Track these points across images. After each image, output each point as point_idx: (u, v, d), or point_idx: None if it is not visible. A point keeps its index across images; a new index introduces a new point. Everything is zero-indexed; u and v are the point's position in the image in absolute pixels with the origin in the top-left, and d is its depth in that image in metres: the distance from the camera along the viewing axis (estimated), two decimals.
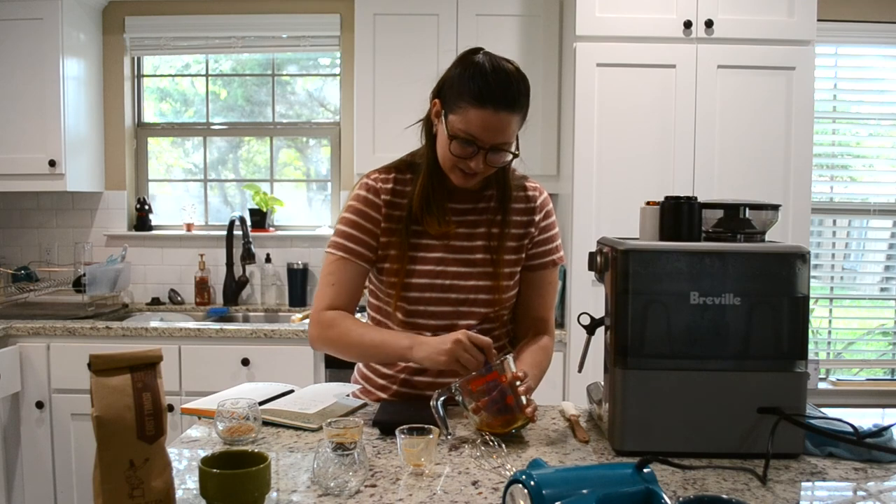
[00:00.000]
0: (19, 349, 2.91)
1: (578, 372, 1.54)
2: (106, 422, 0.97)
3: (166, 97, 3.82)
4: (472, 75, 1.44)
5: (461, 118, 1.44)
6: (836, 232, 3.62)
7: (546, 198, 1.68)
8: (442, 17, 3.11)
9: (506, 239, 1.60)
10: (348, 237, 1.57)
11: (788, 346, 1.31)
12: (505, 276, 1.59)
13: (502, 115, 1.43)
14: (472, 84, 1.43)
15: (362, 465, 1.13)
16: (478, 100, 1.42)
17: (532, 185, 1.68)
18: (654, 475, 0.96)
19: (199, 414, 1.50)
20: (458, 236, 1.59)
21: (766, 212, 1.41)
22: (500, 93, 1.42)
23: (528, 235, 1.63)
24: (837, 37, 3.44)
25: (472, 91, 1.43)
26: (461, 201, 1.60)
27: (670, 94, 2.85)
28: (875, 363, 3.65)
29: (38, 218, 3.61)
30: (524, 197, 1.64)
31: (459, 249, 1.58)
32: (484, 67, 1.44)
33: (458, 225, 1.59)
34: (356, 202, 1.59)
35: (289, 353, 2.92)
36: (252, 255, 3.43)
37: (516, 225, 1.62)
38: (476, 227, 1.60)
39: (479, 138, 1.45)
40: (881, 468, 1.26)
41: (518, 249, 1.62)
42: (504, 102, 1.43)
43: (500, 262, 1.58)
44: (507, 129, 1.45)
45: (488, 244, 1.59)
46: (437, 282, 1.57)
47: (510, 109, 1.44)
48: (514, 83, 1.45)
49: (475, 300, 1.58)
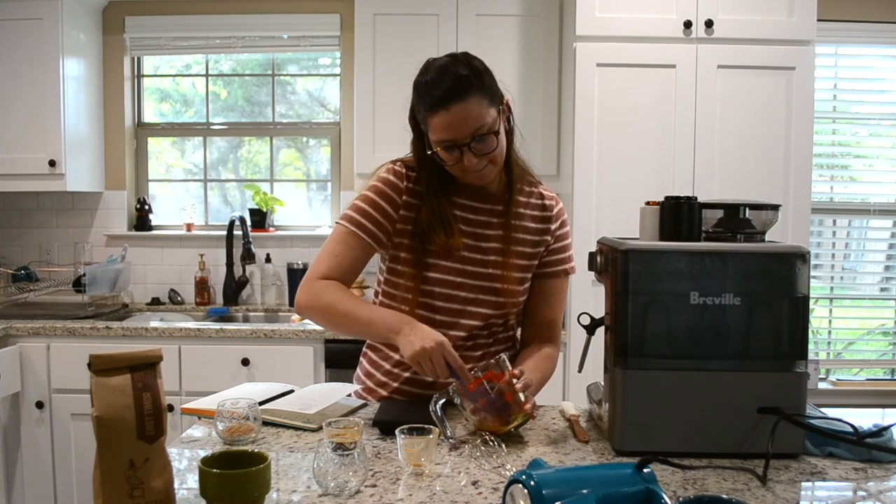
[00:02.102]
0: (19, 349, 2.91)
1: (578, 372, 1.54)
2: (106, 422, 0.97)
3: (166, 98, 3.82)
4: (418, 88, 1.49)
5: (431, 131, 1.48)
6: (836, 232, 3.62)
7: (562, 208, 1.69)
8: (442, 17, 3.11)
9: (513, 242, 1.59)
10: (364, 213, 1.55)
11: (788, 346, 1.31)
12: (514, 281, 1.59)
13: (455, 109, 1.43)
14: (420, 97, 1.48)
15: (362, 465, 1.13)
16: (430, 108, 1.46)
17: (549, 193, 1.69)
18: (654, 475, 0.96)
19: (199, 414, 1.50)
20: (472, 236, 1.59)
21: (766, 212, 1.41)
22: (439, 91, 1.44)
23: (544, 243, 1.64)
24: (837, 37, 3.44)
25: (423, 104, 1.47)
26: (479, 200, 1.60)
27: (670, 94, 2.85)
28: (875, 363, 3.64)
29: (38, 218, 3.61)
30: (540, 205, 1.65)
31: (470, 248, 1.58)
32: (423, 76, 1.48)
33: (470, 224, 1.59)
34: (381, 183, 1.57)
35: (289, 353, 2.92)
36: (252, 255, 3.43)
37: (531, 231, 1.63)
38: (489, 229, 1.60)
39: (452, 139, 1.46)
40: (881, 468, 1.26)
41: (532, 256, 1.63)
42: (448, 97, 1.43)
43: (509, 265, 1.58)
44: (469, 116, 1.44)
45: (500, 247, 1.59)
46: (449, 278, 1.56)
47: (458, 99, 1.43)
48: (450, 72, 1.44)
49: (483, 301, 1.58)
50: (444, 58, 1.50)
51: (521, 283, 1.61)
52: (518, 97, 3.13)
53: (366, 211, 1.55)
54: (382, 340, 1.56)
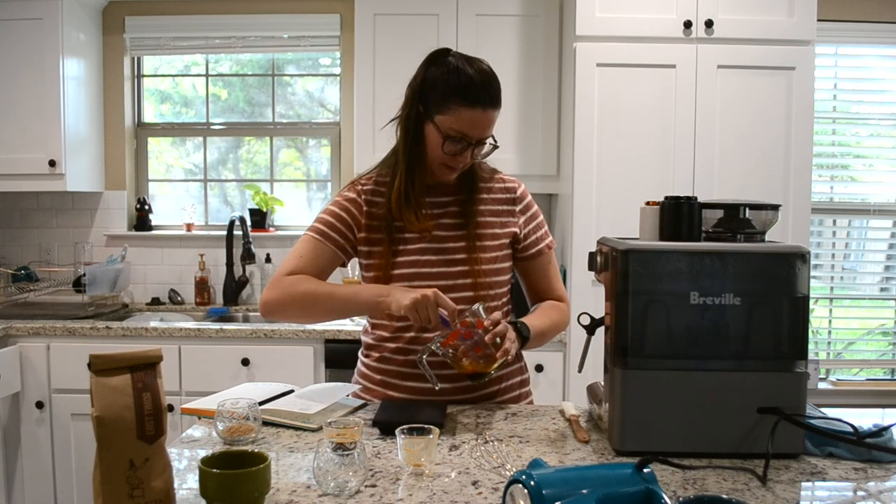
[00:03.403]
0: (19, 349, 2.91)
1: (578, 372, 1.54)
2: (106, 422, 0.97)
3: (167, 99, 3.82)
4: (458, 77, 1.53)
5: (453, 118, 1.53)
6: (836, 232, 3.62)
7: (525, 189, 1.76)
8: (442, 17, 3.11)
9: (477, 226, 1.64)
10: (326, 224, 1.64)
11: (788, 346, 1.31)
12: (484, 261, 1.62)
13: (489, 112, 1.54)
14: (459, 86, 1.53)
15: (362, 465, 1.13)
16: (467, 100, 1.52)
17: (508, 177, 1.76)
18: (654, 475, 0.96)
19: (199, 414, 1.50)
20: (439, 227, 1.63)
21: (766, 212, 1.41)
22: (485, 92, 1.53)
23: (512, 223, 1.69)
24: (837, 37, 3.44)
25: (460, 92, 1.52)
26: (439, 195, 1.66)
27: (670, 94, 2.85)
28: (875, 363, 3.64)
29: (38, 218, 3.61)
30: (503, 188, 1.72)
31: (440, 239, 1.63)
32: (466, 69, 1.54)
33: (439, 217, 1.64)
34: (340, 198, 1.68)
35: (289, 353, 2.92)
36: (252, 255, 3.43)
37: (496, 213, 1.68)
38: (455, 218, 1.65)
39: (469, 135, 1.55)
40: (881, 468, 1.26)
41: (502, 236, 1.67)
42: (489, 100, 1.54)
43: (476, 247, 1.62)
44: (492, 123, 1.57)
45: (466, 232, 1.63)
46: (421, 271, 1.60)
47: (494, 106, 1.55)
48: (495, 81, 1.56)
49: (454, 286, 1.60)
50: (481, 61, 1.57)
51: (493, 262, 1.64)
52: (518, 97, 3.13)
53: (328, 222, 1.64)
54: (371, 309, 1.57)
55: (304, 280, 1.58)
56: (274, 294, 1.58)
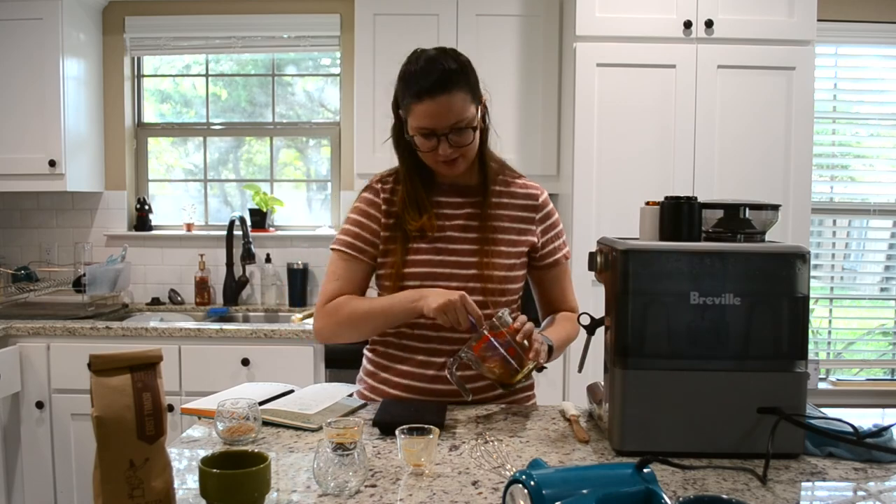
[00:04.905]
0: (19, 349, 2.91)
1: (578, 372, 1.54)
2: (106, 422, 0.97)
3: (167, 99, 3.82)
4: (406, 77, 1.54)
5: (412, 117, 1.54)
6: (836, 232, 3.62)
7: (547, 197, 1.73)
8: (442, 17, 3.10)
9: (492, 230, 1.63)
10: (354, 235, 1.64)
11: (788, 346, 1.31)
12: (496, 267, 1.61)
13: (440, 100, 1.50)
14: (407, 85, 1.53)
15: (362, 465, 1.13)
16: (415, 96, 1.51)
17: (532, 183, 1.74)
18: (654, 475, 0.96)
19: (199, 414, 1.50)
20: (454, 228, 1.63)
21: (766, 212, 1.41)
22: (428, 81, 1.50)
23: (530, 231, 1.67)
24: (837, 37, 3.44)
25: (409, 91, 1.52)
26: (455, 195, 1.65)
27: (670, 94, 2.85)
28: (875, 363, 3.64)
29: (38, 218, 3.61)
30: (525, 195, 1.70)
31: (453, 240, 1.62)
32: (411, 66, 1.54)
33: (452, 218, 1.63)
34: (361, 203, 1.67)
35: (289, 353, 2.92)
36: (252, 255, 3.43)
37: (515, 219, 1.67)
38: (471, 220, 1.64)
39: (432, 127, 1.52)
40: (881, 468, 1.26)
41: (515, 243, 1.65)
42: (436, 88, 1.49)
43: (488, 252, 1.61)
44: (453, 108, 1.51)
45: (480, 236, 1.63)
46: (433, 271, 1.60)
47: (445, 91, 1.50)
48: (440, 65, 1.51)
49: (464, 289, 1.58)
50: (432, 50, 1.56)
51: (507, 270, 1.63)
52: (518, 97, 3.13)
53: (355, 233, 1.64)
54: (408, 315, 1.57)
55: (345, 303, 1.60)
56: (320, 324, 1.63)
